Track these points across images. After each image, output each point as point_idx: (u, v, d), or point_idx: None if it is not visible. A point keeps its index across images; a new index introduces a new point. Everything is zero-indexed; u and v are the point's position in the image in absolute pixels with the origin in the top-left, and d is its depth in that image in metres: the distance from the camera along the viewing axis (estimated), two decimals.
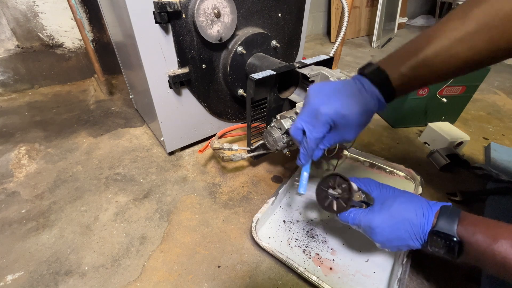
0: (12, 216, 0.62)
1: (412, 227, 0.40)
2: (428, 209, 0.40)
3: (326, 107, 0.41)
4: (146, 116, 0.94)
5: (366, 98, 0.40)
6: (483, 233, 0.34)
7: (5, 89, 1.15)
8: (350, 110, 0.40)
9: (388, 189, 0.46)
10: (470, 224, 0.36)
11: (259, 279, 0.50)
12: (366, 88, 0.41)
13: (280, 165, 0.79)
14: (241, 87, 0.77)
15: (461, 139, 0.82)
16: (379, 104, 0.41)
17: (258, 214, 0.57)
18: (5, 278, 0.50)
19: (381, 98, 0.40)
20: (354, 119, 0.40)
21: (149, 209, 0.64)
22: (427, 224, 0.39)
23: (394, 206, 0.42)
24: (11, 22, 1.07)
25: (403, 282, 0.46)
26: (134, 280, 0.50)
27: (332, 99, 0.42)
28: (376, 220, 0.42)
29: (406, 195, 0.44)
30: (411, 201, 0.42)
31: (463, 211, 0.38)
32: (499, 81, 1.40)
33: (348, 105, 0.40)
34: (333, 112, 0.41)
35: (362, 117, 0.41)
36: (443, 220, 0.37)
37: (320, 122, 0.42)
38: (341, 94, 0.42)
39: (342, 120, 0.41)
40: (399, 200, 0.42)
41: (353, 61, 1.68)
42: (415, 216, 0.40)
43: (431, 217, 0.39)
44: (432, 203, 0.41)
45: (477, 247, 0.34)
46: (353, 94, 0.41)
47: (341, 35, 1.03)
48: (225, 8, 0.62)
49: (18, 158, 0.80)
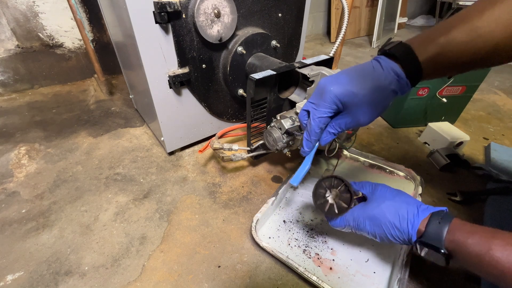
0: (12, 216, 0.62)
1: (396, 231, 0.40)
2: (414, 215, 0.39)
3: (331, 85, 0.38)
4: (146, 116, 0.94)
5: (380, 74, 0.36)
6: (476, 244, 0.33)
7: (5, 89, 1.15)
8: (359, 87, 0.36)
9: (380, 190, 0.45)
10: (462, 233, 0.35)
11: (259, 279, 0.50)
12: (382, 63, 0.37)
13: (280, 165, 0.79)
14: (241, 87, 0.77)
15: (461, 139, 0.82)
16: (399, 81, 0.36)
17: (258, 214, 0.57)
18: (5, 278, 0.50)
19: (401, 74, 0.36)
20: (366, 97, 0.36)
21: (149, 209, 0.64)
22: (412, 230, 0.38)
23: (379, 208, 0.41)
24: (11, 22, 1.07)
25: (403, 282, 0.46)
26: (134, 280, 0.50)
27: (340, 77, 0.38)
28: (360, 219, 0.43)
29: (396, 198, 0.42)
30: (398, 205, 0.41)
31: (456, 218, 0.37)
32: (499, 81, 1.40)
33: (358, 81, 0.36)
34: (340, 90, 0.37)
35: (376, 95, 0.36)
36: (431, 230, 0.37)
37: (325, 100, 0.38)
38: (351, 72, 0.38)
39: (351, 98, 0.37)
40: (386, 203, 0.42)
41: (353, 61, 1.68)
42: (398, 221, 0.39)
43: (416, 225, 0.38)
44: (423, 208, 0.40)
45: (470, 258, 0.33)
46: (364, 70, 0.37)
47: (341, 35, 1.03)
48: (225, 8, 0.62)
49: (18, 158, 0.80)
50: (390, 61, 0.36)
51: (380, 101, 0.37)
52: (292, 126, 0.59)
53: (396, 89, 0.36)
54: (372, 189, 0.46)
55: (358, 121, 0.38)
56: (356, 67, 0.39)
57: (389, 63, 0.36)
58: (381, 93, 0.36)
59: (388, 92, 0.36)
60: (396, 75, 0.36)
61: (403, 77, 0.36)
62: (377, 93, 0.36)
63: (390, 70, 0.36)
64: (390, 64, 0.36)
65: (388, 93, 0.36)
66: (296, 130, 0.60)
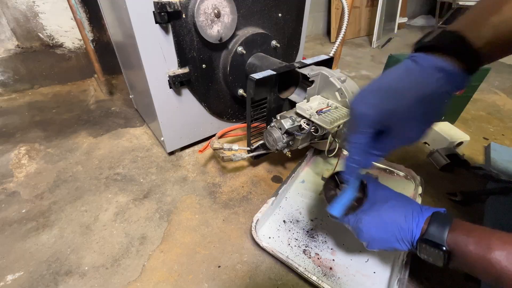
0: (12, 216, 0.62)
1: (400, 231, 0.39)
2: (419, 214, 0.39)
3: (358, 107, 0.32)
4: (146, 116, 0.94)
5: (420, 77, 0.30)
6: (476, 243, 0.33)
7: (5, 89, 1.15)
8: (395, 102, 0.30)
9: (383, 190, 0.45)
10: (462, 233, 0.35)
11: (259, 279, 0.50)
12: (420, 63, 0.30)
13: (280, 165, 0.79)
14: (241, 87, 0.77)
15: (461, 139, 0.82)
16: (450, 78, 0.29)
17: (258, 214, 0.57)
18: (5, 278, 0.50)
19: (450, 69, 0.29)
20: (408, 111, 0.30)
21: (149, 209, 0.64)
22: (416, 229, 0.38)
23: (383, 208, 0.41)
24: (11, 22, 1.07)
25: (403, 282, 0.46)
26: (134, 280, 0.50)
27: (370, 95, 0.32)
28: (364, 220, 0.42)
29: (399, 198, 0.42)
30: (403, 205, 0.41)
31: (456, 219, 0.37)
32: (499, 81, 1.40)
33: (392, 95, 0.30)
34: (371, 112, 0.31)
35: (422, 105, 0.30)
36: (433, 228, 0.36)
37: (358, 126, 0.33)
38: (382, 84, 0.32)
39: (389, 117, 0.31)
40: (390, 203, 0.41)
41: (353, 61, 1.68)
42: (403, 221, 0.39)
43: (420, 223, 0.38)
44: (425, 208, 0.40)
45: (470, 257, 0.33)
46: (398, 78, 0.31)
47: (341, 35, 1.02)
48: (225, 8, 0.62)
49: (18, 158, 0.80)
50: (432, 57, 0.30)
51: (428, 110, 0.30)
52: (292, 126, 0.59)
53: (449, 89, 0.30)
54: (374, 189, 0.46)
55: (406, 140, 0.33)
56: (387, 74, 0.32)
57: (430, 60, 0.30)
58: (428, 101, 0.30)
59: (437, 97, 0.30)
60: (443, 73, 0.29)
61: (455, 72, 0.29)
62: (423, 102, 0.29)
63: (434, 69, 0.29)
64: (432, 61, 0.29)
65: (437, 98, 0.30)
66: (296, 130, 0.60)
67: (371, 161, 0.37)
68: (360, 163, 0.36)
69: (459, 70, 0.29)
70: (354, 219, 0.44)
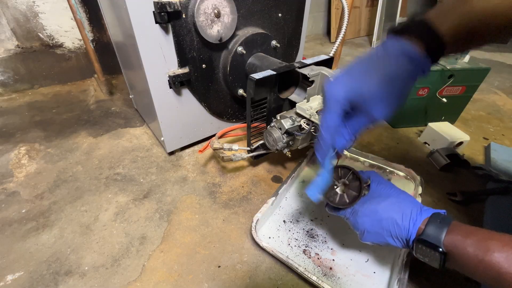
0: (12, 216, 0.62)
1: (396, 227, 0.39)
2: (417, 214, 0.39)
3: (330, 87, 0.34)
4: (146, 116, 0.94)
5: (387, 60, 0.32)
6: (475, 245, 0.33)
7: (5, 89, 1.15)
8: (364, 82, 0.32)
9: (385, 186, 0.45)
10: (460, 234, 0.34)
11: (259, 279, 0.50)
12: (388, 47, 0.32)
13: (280, 165, 0.79)
14: (241, 87, 0.77)
15: (461, 139, 0.82)
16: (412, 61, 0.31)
17: (258, 214, 0.57)
18: (5, 278, 0.50)
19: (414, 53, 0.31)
20: (375, 91, 0.32)
21: (149, 209, 0.64)
22: (413, 228, 0.38)
23: (383, 204, 0.41)
24: (11, 22, 1.07)
25: (403, 282, 0.46)
26: (134, 280, 0.50)
27: (342, 75, 0.34)
28: (360, 212, 0.42)
29: (401, 196, 0.43)
30: (402, 203, 0.41)
31: (455, 221, 0.37)
32: (499, 81, 1.40)
33: (362, 75, 0.32)
34: (342, 90, 0.33)
35: (388, 85, 0.32)
36: (430, 228, 0.36)
37: (329, 106, 0.35)
38: (354, 66, 0.34)
39: (358, 96, 0.33)
40: (390, 199, 0.42)
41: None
42: (400, 218, 0.39)
43: (418, 222, 0.38)
44: (425, 209, 0.40)
45: (468, 259, 0.33)
46: (368, 60, 0.33)
47: (341, 35, 1.03)
48: (225, 8, 0.62)
49: (18, 158, 0.80)
50: (399, 41, 0.31)
51: (394, 91, 0.32)
52: (292, 126, 0.59)
53: (412, 72, 0.31)
54: (376, 184, 0.46)
55: (372, 119, 0.34)
56: (360, 58, 0.34)
57: (396, 44, 0.31)
58: (394, 82, 0.31)
59: (402, 79, 0.31)
60: (406, 55, 0.31)
61: (418, 56, 0.31)
62: (387, 83, 0.31)
63: (399, 52, 0.31)
64: (398, 46, 0.31)
65: (403, 80, 0.32)
66: (296, 130, 0.60)
67: (341, 143, 0.37)
68: (332, 144, 0.37)
69: (422, 54, 0.31)
70: (351, 211, 0.44)
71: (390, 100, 0.33)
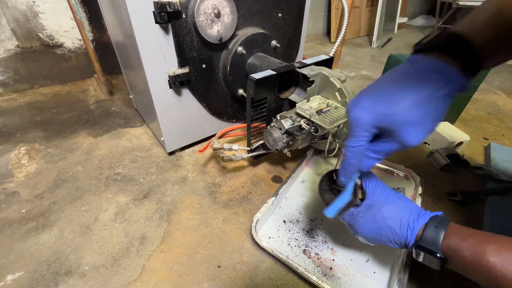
0: (12, 216, 0.62)
1: (394, 235, 0.39)
2: (415, 220, 0.38)
3: (355, 111, 0.31)
4: (146, 116, 0.94)
5: (419, 79, 0.29)
6: (471, 248, 0.32)
7: (5, 89, 1.15)
8: (393, 105, 0.29)
9: (382, 191, 0.44)
10: (457, 238, 0.34)
11: (259, 279, 0.50)
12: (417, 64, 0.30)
13: (280, 165, 0.79)
14: (241, 87, 0.77)
15: (461, 139, 0.82)
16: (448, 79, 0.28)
17: (258, 214, 0.57)
18: (5, 278, 0.50)
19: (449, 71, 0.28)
20: (409, 114, 0.29)
21: (149, 209, 0.64)
22: (411, 236, 0.38)
23: (380, 212, 0.41)
24: (11, 22, 1.07)
25: (403, 282, 0.46)
26: (134, 280, 0.50)
27: (364, 98, 0.31)
28: (360, 221, 0.42)
29: (398, 201, 0.41)
30: (400, 210, 0.40)
31: (452, 223, 0.37)
32: (499, 81, 1.40)
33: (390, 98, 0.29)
34: (368, 116, 0.30)
35: (421, 107, 0.28)
36: (427, 234, 0.36)
37: (355, 131, 0.32)
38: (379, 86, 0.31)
39: (387, 121, 0.30)
40: (387, 207, 0.41)
41: (353, 61, 1.68)
42: (398, 227, 0.39)
43: (416, 230, 0.37)
44: (423, 213, 0.39)
45: (466, 263, 0.33)
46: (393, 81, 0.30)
47: (341, 35, 1.03)
48: (225, 8, 0.62)
49: (18, 158, 0.80)
50: (429, 59, 0.29)
51: (428, 113, 0.29)
52: (292, 126, 0.59)
53: (448, 91, 0.28)
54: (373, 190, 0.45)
55: (405, 144, 0.31)
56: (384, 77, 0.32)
57: (426, 61, 0.29)
58: (426, 103, 0.28)
59: (435, 99, 0.28)
60: (440, 74, 0.28)
61: (453, 72, 0.28)
62: (420, 105, 0.28)
63: (430, 70, 0.29)
64: (428, 63, 0.29)
65: (436, 100, 0.28)
66: (296, 130, 0.60)
67: (368, 164, 0.36)
68: (357, 167, 0.36)
69: (457, 71, 0.28)
70: (349, 218, 0.44)
71: (425, 124, 0.29)
